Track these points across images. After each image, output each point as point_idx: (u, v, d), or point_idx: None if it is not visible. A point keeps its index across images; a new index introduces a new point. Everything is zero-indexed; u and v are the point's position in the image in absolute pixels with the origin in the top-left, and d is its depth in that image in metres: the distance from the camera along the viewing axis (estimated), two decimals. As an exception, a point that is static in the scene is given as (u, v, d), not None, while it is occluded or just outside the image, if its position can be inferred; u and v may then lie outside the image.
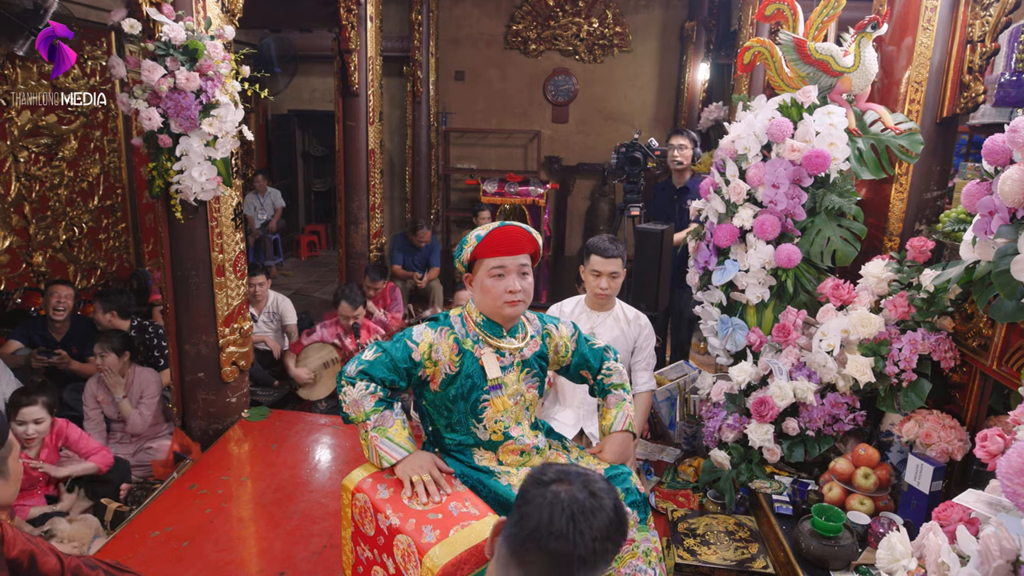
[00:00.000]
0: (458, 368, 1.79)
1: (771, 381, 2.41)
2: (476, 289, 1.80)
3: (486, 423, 1.82)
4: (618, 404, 1.99)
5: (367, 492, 1.88)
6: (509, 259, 1.75)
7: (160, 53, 2.58)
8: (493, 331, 1.82)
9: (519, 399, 1.86)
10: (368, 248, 5.48)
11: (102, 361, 3.16)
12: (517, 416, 1.86)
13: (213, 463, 2.88)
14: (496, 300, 1.75)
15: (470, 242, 1.77)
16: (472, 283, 1.82)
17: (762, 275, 2.62)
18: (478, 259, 1.78)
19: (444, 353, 1.77)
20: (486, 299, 1.78)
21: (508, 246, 1.75)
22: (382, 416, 1.73)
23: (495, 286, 1.75)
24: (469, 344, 1.80)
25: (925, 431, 2.05)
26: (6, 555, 1.31)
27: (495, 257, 1.75)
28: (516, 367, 1.85)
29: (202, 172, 2.75)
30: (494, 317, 1.80)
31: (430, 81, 7.44)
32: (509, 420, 1.84)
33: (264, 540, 2.39)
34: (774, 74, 2.69)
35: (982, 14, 2.52)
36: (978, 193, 1.87)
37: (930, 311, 2.21)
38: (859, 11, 2.84)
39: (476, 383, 1.79)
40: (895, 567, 1.38)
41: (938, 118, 2.73)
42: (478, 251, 1.75)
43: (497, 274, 1.75)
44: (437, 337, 1.78)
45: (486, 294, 1.77)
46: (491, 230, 1.73)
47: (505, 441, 1.84)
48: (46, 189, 4.67)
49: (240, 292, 3.13)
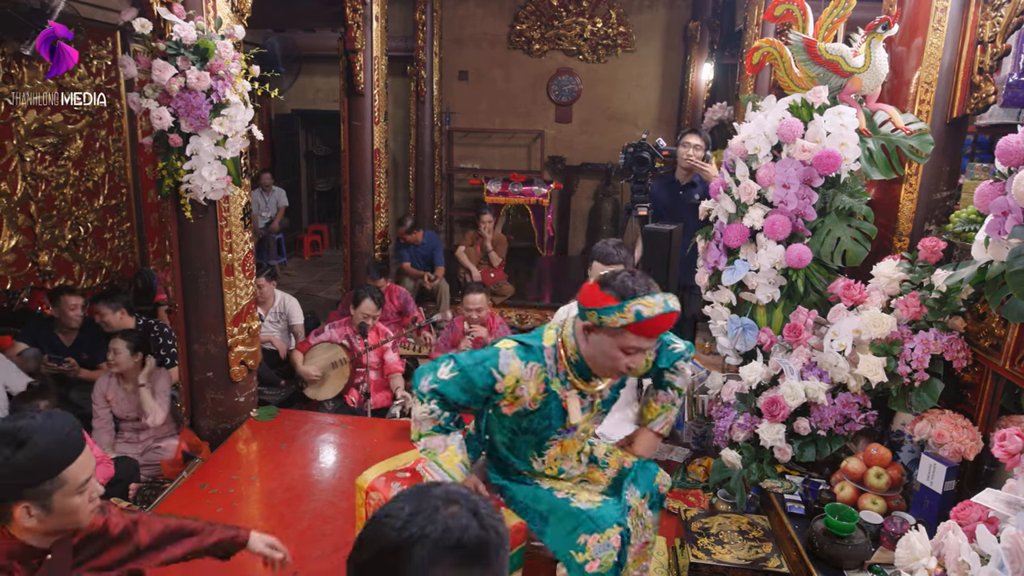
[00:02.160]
0: (538, 407, 1.70)
1: (782, 381, 2.42)
2: (594, 344, 1.64)
3: (546, 459, 1.82)
4: (667, 406, 1.98)
5: (381, 490, 1.88)
6: (647, 342, 1.61)
7: (171, 53, 2.58)
8: (584, 375, 1.71)
9: (582, 436, 1.84)
10: (373, 248, 5.49)
11: (114, 357, 3.16)
12: (575, 448, 1.85)
13: (223, 462, 2.88)
14: (611, 370, 1.65)
15: (627, 315, 1.54)
16: (589, 333, 1.64)
17: (772, 275, 2.62)
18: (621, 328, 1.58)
19: (529, 391, 1.67)
20: (600, 360, 1.64)
21: (656, 332, 1.59)
22: (434, 440, 1.68)
23: (621, 359, 1.61)
24: (556, 385, 1.70)
25: (937, 431, 2.05)
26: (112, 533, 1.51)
27: (640, 338, 1.58)
28: (594, 407, 1.81)
29: (212, 171, 2.75)
30: (595, 370, 1.69)
31: (434, 81, 7.45)
32: (569, 460, 1.84)
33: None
34: (783, 74, 2.69)
35: (993, 15, 2.52)
36: (991, 193, 1.87)
37: (942, 311, 2.21)
38: (869, 12, 2.84)
39: (552, 424, 1.73)
40: (915, 566, 1.38)
41: (948, 119, 2.74)
42: (632, 327, 1.56)
43: (631, 352, 1.60)
44: (526, 373, 1.66)
45: (605, 358, 1.62)
46: (656, 315, 1.54)
47: (557, 475, 1.86)
48: (52, 188, 4.66)
49: (249, 292, 3.13)
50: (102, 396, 3.24)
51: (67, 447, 1.34)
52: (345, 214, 5.46)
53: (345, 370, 3.98)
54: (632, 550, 1.80)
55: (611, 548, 1.68)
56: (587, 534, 1.69)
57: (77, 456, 1.35)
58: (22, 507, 1.30)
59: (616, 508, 1.77)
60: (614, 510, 1.76)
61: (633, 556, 1.83)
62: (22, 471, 1.28)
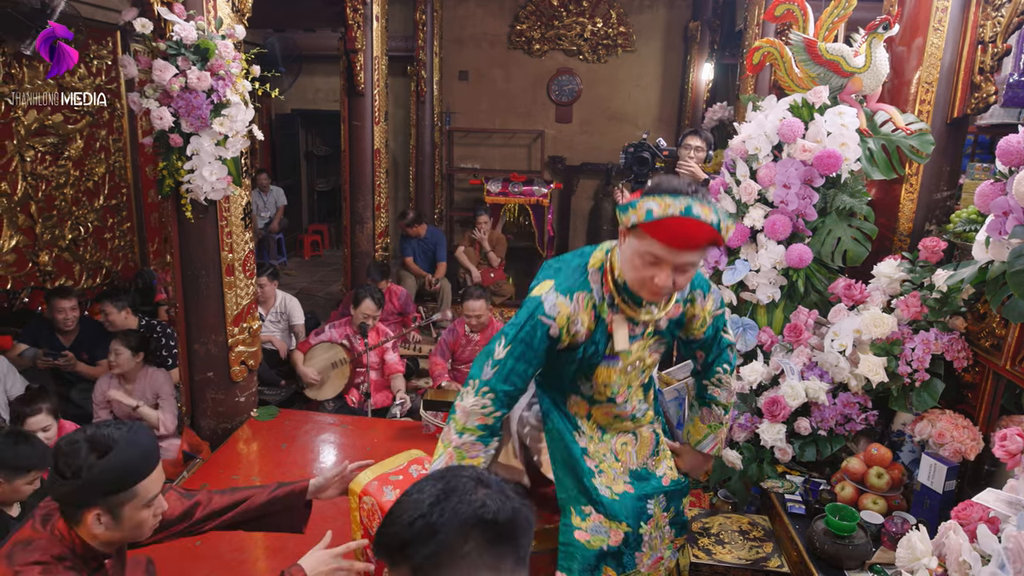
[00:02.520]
0: (587, 336, 1.57)
1: (782, 381, 2.42)
2: (624, 252, 1.50)
3: (594, 383, 1.65)
4: (713, 425, 1.85)
5: (373, 495, 1.88)
6: (668, 254, 1.40)
7: (172, 52, 2.58)
8: (634, 299, 1.55)
9: (637, 364, 1.66)
10: (374, 247, 5.49)
11: (115, 358, 3.16)
12: (629, 381, 1.67)
13: (223, 462, 2.88)
14: (639, 284, 1.48)
15: (638, 212, 1.40)
16: (624, 239, 1.50)
17: (773, 275, 2.62)
18: (639, 227, 1.43)
19: (584, 324, 1.54)
20: (628, 272, 1.49)
21: (678, 241, 1.39)
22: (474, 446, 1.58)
23: (643, 271, 1.44)
24: (604, 310, 1.56)
25: (938, 431, 2.05)
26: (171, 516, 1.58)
27: (656, 243, 1.40)
28: (646, 336, 1.63)
29: (212, 171, 2.75)
30: (630, 286, 1.52)
31: (434, 81, 7.45)
32: (619, 386, 1.65)
33: (277, 539, 2.38)
34: (784, 74, 2.69)
35: (993, 15, 2.53)
36: (992, 193, 1.88)
37: (943, 311, 2.21)
38: (870, 12, 2.84)
39: (599, 350, 1.59)
40: (916, 566, 1.38)
41: (949, 119, 2.74)
42: (644, 226, 1.41)
43: (651, 261, 1.43)
44: (574, 307, 1.53)
45: (631, 268, 1.47)
46: (665, 216, 1.37)
47: (606, 403, 1.68)
48: (52, 188, 4.66)
49: (249, 292, 3.13)
50: (103, 397, 3.24)
51: (146, 461, 1.39)
52: (345, 214, 5.46)
53: (345, 370, 3.98)
54: (644, 560, 1.74)
55: (606, 535, 1.66)
56: (595, 511, 1.67)
57: (152, 471, 1.39)
58: (94, 514, 1.35)
59: (632, 508, 1.71)
60: (629, 508, 1.70)
61: (647, 569, 1.75)
62: (102, 479, 1.32)
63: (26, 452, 2.20)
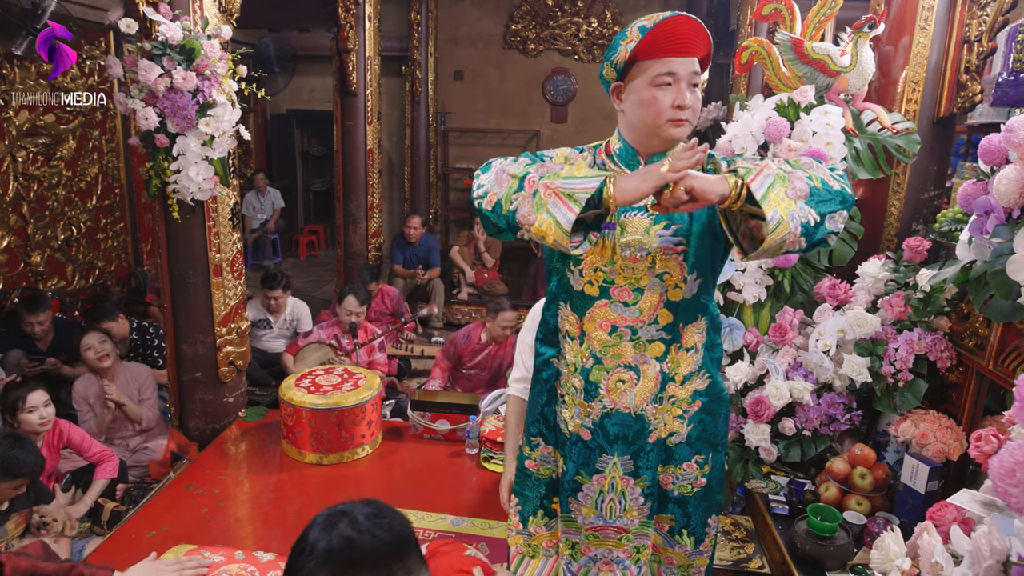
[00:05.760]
0: None
1: (767, 381, 2.41)
2: (629, 103, 1.38)
3: (583, 268, 1.43)
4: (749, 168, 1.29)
5: None
6: (680, 62, 1.31)
7: (157, 53, 2.58)
8: (628, 162, 1.42)
9: (641, 254, 1.40)
10: (367, 248, 5.49)
11: (101, 347, 3.17)
12: (634, 275, 1.41)
13: (210, 463, 2.87)
14: (659, 117, 1.33)
15: (630, 36, 1.32)
16: (623, 96, 1.40)
17: (759, 275, 2.62)
18: (638, 61, 1.33)
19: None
20: (644, 115, 1.35)
21: (680, 43, 1.30)
22: (544, 165, 1.35)
23: (661, 98, 1.32)
24: None
25: (921, 431, 2.05)
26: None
27: (664, 58, 1.30)
28: (646, 213, 1.41)
29: (199, 172, 2.75)
30: (649, 141, 1.39)
31: (429, 81, 7.44)
32: (614, 274, 1.41)
33: (261, 540, 2.38)
34: (771, 74, 2.69)
35: (979, 14, 2.52)
36: (974, 193, 1.87)
37: (926, 311, 2.21)
38: (856, 11, 2.84)
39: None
40: (889, 567, 1.38)
41: (935, 118, 2.73)
42: (641, 48, 1.31)
43: (664, 82, 1.31)
44: (572, 155, 1.47)
45: (646, 108, 1.34)
46: (659, 20, 1.28)
47: (599, 299, 1.42)
48: (44, 189, 4.67)
49: (237, 292, 3.13)
50: (83, 400, 3.23)
51: None
52: (339, 214, 5.46)
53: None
54: (584, 513, 1.54)
55: (553, 465, 1.59)
56: (544, 442, 1.59)
57: None
58: None
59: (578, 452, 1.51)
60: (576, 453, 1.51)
61: (588, 527, 1.55)
62: None
63: (22, 458, 2.22)
